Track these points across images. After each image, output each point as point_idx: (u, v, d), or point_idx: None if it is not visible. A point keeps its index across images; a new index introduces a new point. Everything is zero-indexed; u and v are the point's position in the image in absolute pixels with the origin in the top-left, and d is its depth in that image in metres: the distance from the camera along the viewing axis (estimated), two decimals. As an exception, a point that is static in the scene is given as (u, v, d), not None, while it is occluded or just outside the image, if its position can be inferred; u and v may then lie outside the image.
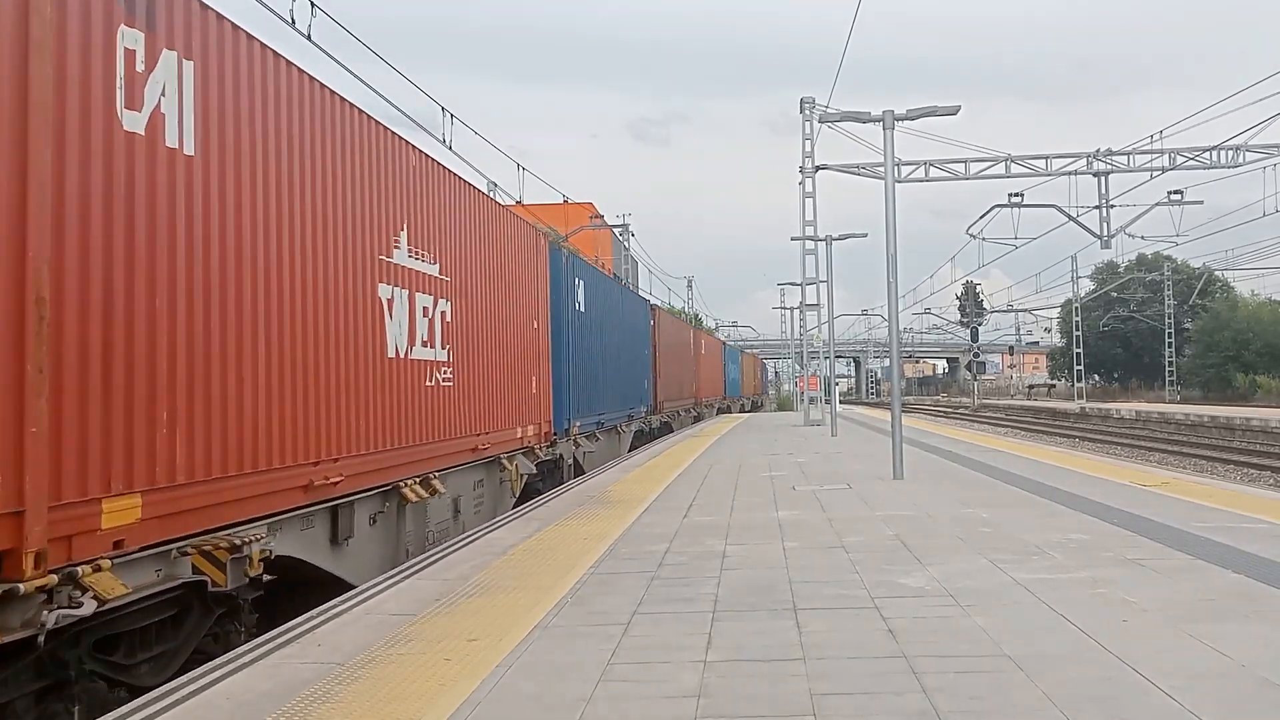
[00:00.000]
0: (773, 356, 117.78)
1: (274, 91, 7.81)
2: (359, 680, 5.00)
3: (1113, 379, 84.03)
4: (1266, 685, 4.56)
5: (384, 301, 9.88)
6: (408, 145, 10.68)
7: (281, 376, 7.84)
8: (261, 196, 7.61)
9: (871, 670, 4.94)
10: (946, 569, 7.40)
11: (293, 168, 8.08)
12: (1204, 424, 37.01)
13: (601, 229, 47.95)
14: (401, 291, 10.26)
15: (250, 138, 7.45)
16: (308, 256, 8.31)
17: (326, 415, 8.57)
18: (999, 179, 33.29)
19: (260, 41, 7.61)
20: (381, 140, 9.95)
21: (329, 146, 8.74)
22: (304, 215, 8.27)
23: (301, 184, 8.23)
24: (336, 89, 8.89)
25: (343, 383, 8.92)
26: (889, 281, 14.38)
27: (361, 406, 9.29)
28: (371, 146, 9.69)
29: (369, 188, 9.57)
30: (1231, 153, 32.19)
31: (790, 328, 69.04)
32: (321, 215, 8.58)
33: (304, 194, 8.27)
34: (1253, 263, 74.09)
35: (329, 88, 8.74)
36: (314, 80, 8.48)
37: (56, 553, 5.35)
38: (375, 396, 9.60)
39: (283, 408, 7.83)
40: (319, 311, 8.49)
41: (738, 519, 10.40)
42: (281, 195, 7.90)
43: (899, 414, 14.82)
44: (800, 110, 29.79)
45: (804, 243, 30.34)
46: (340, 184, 8.94)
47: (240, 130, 7.31)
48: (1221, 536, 8.43)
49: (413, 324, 10.52)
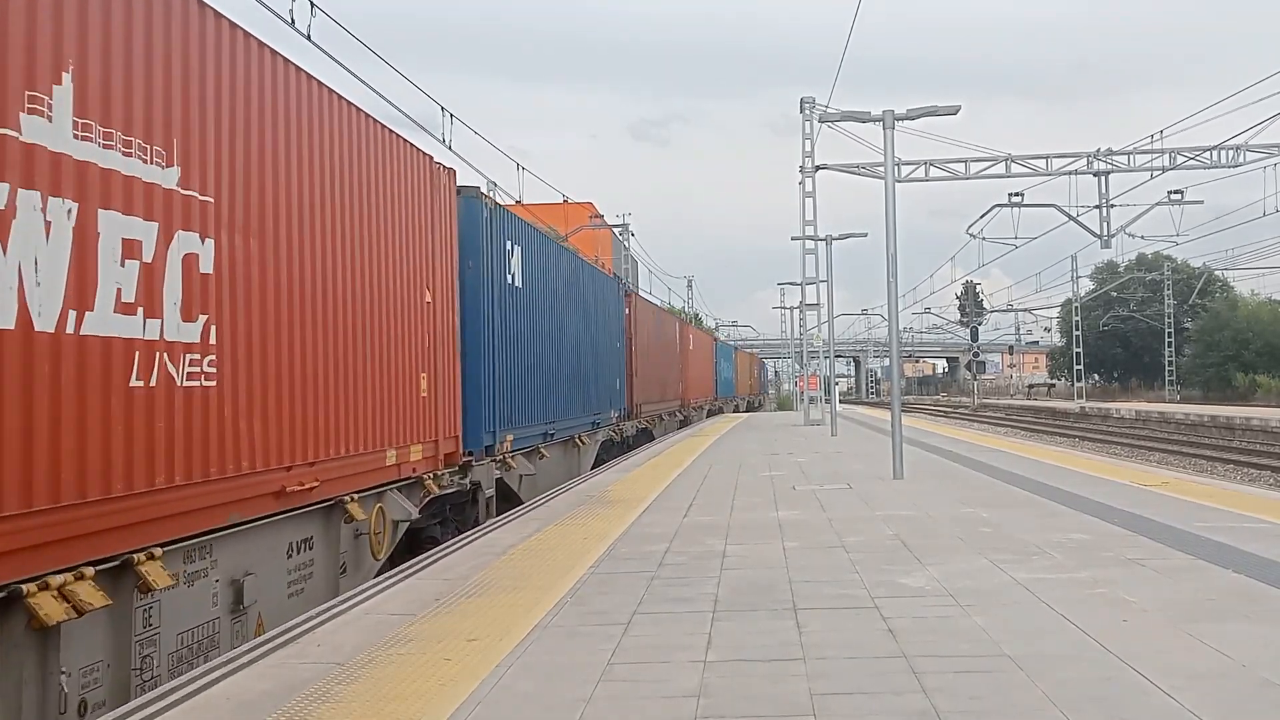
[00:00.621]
0: (773, 356, 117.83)
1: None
2: (359, 680, 4.99)
3: (1113, 379, 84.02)
4: (1266, 685, 4.55)
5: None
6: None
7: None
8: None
9: (871, 670, 4.94)
10: (947, 569, 7.40)
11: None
12: (1204, 424, 37.00)
13: (601, 229, 47.97)
14: (59, 206, 5.52)
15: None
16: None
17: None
18: (999, 179, 33.33)
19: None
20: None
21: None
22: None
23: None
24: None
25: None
26: (889, 281, 14.38)
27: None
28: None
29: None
30: (1231, 153, 32.20)
31: (790, 327, 69.07)
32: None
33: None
34: (1253, 263, 74.15)
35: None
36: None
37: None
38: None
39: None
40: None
41: (738, 519, 10.40)
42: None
43: (899, 414, 14.83)
44: (800, 110, 29.78)
45: (804, 243, 30.35)
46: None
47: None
48: (1222, 536, 8.42)
49: (90, 268, 5.75)
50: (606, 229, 49.09)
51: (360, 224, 9.38)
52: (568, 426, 18.16)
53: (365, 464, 9.38)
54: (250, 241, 7.50)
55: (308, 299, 8.34)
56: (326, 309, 8.68)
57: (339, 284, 8.93)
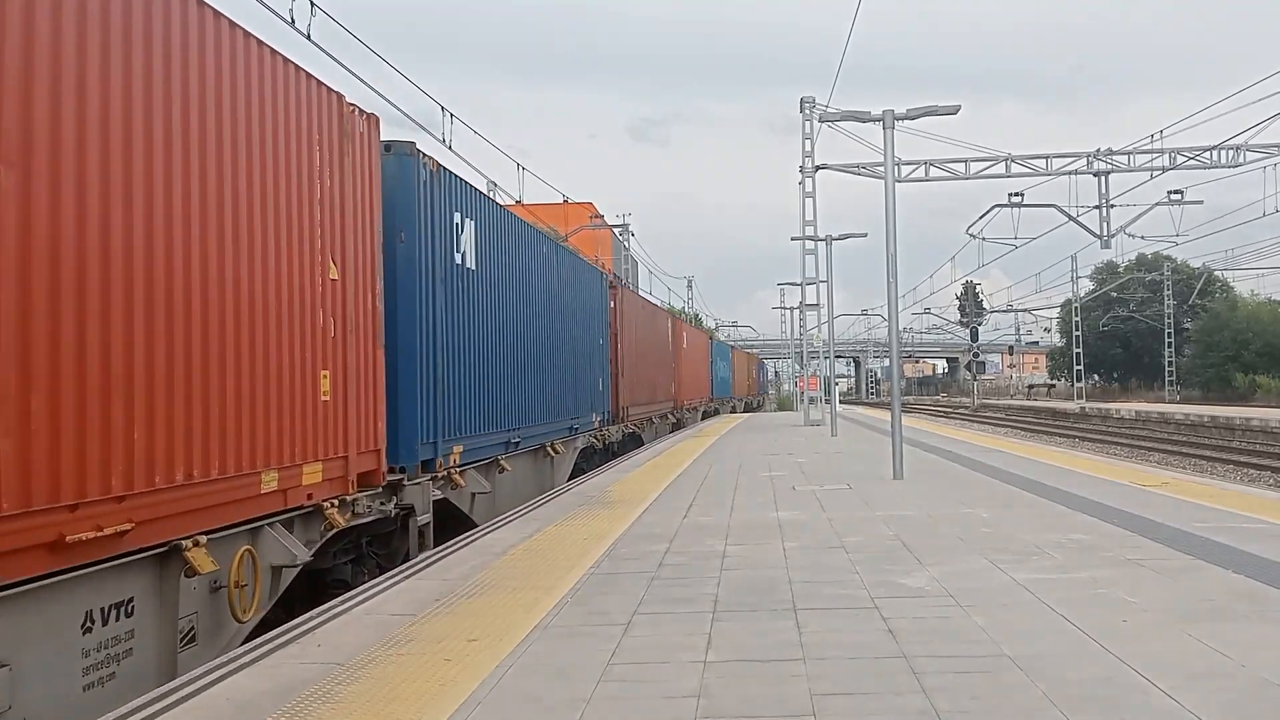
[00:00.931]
0: (773, 356, 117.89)
1: None
2: (359, 680, 5.00)
3: (1112, 379, 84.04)
4: (1266, 685, 4.56)
5: None
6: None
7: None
8: None
9: (872, 670, 4.94)
10: (946, 569, 7.40)
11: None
12: (1204, 424, 37.01)
13: (601, 229, 48.01)
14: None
15: None
16: None
17: None
18: (999, 179, 33.36)
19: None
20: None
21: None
22: None
23: None
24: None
25: None
26: (889, 281, 14.38)
27: None
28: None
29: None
30: (1231, 153, 32.22)
31: (790, 328, 69.08)
32: None
33: None
34: (1253, 263, 74.29)
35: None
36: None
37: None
38: None
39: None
40: None
41: (738, 519, 10.40)
42: None
43: (899, 414, 14.83)
44: (800, 110, 29.80)
45: (804, 243, 30.36)
46: None
47: None
48: (1222, 536, 8.43)
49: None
50: (606, 229, 49.14)
51: (219, 169, 6.93)
52: (537, 434, 15.89)
53: (223, 493, 6.88)
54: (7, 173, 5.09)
55: (118, 262, 5.87)
56: (155, 278, 6.19)
57: (180, 245, 6.44)
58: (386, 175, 9.91)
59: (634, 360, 26.15)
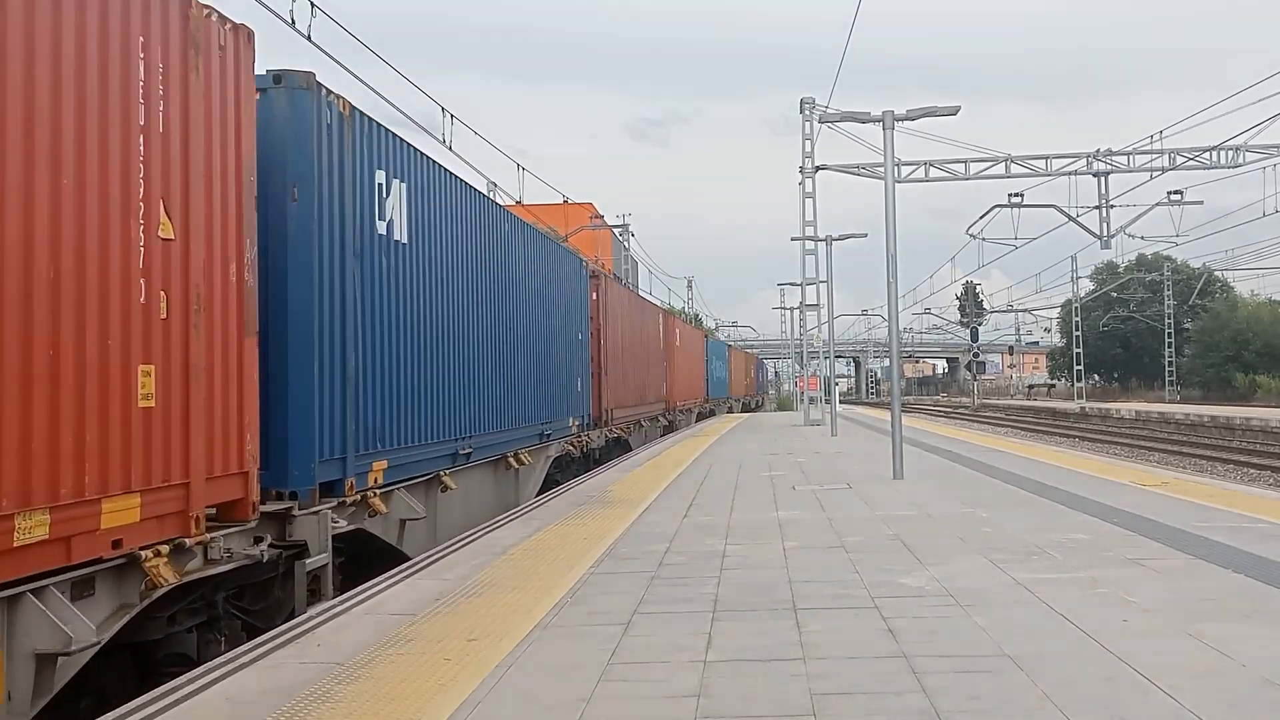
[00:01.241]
0: (773, 356, 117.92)
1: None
2: (358, 680, 4.99)
3: (1113, 379, 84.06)
4: (1266, 685, 4.55)
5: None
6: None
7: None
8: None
9: (872, 670, 4.94)
10: (947, 569, 7.40)
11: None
12: (1204, 424, 37.01)
13: (601, 229, 48.01)
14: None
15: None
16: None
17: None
18: (999, 179, 33.40)
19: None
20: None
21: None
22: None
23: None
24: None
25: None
26: (889, 281, 14.39)
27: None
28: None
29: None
30: (1231, 153, 32.23)
31: (790, 328, 69.07)
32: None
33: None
34: (1253, 263, 74.18)
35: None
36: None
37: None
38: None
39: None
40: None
41: (738, 519, 10.40)
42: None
43: (899, 414, 14.83)
44: (800, 110, 29.80)
45: (804, 243, 30.37)
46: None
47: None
48: (1222, 536, 8.42)
49: None
50: (606, 229, 49.14)
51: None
52: (496, 442, 13.50)
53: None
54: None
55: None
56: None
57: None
58: (274, 113, 7.93)
59: (620, 358, 23.90)
